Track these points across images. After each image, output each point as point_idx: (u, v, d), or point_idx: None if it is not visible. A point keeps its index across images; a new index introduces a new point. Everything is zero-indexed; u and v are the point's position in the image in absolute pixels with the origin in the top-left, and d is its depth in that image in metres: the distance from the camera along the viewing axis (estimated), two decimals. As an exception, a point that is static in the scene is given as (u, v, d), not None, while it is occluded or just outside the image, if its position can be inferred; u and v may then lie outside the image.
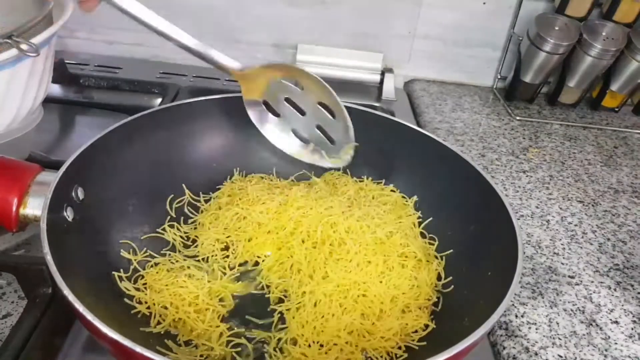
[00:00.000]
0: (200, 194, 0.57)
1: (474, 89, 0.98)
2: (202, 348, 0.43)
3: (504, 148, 0.81)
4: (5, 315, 0.45)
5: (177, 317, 0.44)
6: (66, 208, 0.44)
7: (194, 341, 0.43)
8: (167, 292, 0.45)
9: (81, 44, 0.92)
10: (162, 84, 0.84)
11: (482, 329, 0.36)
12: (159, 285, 0.46)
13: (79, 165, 0.45)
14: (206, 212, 0.55)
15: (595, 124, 0.91)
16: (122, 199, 0.51)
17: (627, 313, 0.54)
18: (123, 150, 0.51)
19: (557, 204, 0.70)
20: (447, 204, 0.55)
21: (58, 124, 0.75)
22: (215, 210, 0.55)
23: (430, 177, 0.57)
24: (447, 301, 0.49)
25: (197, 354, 0.42)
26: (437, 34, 0.93)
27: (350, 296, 0.46)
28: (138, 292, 0.46)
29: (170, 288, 0.46)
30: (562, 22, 0.85)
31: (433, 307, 0.48)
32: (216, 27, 0.90)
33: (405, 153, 0.58)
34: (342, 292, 0.46)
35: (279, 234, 0.51)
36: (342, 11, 0.90)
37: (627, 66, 0.87)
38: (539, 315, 0.52)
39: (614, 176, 0.77)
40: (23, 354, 0.40)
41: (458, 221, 0.53)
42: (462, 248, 0.52)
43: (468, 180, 0.53)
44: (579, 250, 0.62)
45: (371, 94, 0.91)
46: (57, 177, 0.43)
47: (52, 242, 0.38)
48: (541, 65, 0.87)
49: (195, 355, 0.42)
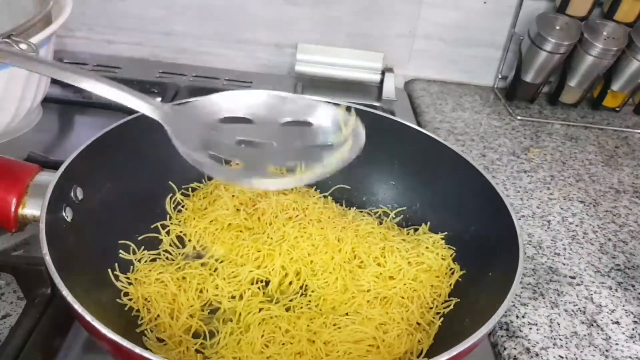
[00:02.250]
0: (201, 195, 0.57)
1: (475, 89, 0.97)
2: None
3: (504, 148, 0.80)
4: (4, 316, 0.45)
5: (156, 314, 0.44)
6: (65, 208, 0.43)
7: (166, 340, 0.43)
8: (151, 288, 0.45)
9: (80, 44, 0.91)
10: (162, 83, 0.84)
11: (482, 329, 0.36)
12: (147, 280, 0.46)
13: (78, 165, 0.45)
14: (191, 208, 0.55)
15: (596, 123, 0.91)
16: (121, 198, 0.51)
17: (628, 313, 0.54)
18: (122, 150, 0.51)
19: (558, 204, 0.69)
20: (447, 204, 0.55)
21: (57, 124, 0.75)
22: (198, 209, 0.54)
23: (430, 177, 0.57)
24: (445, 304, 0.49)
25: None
26: (438, 33, 0.93)
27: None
28: (130, 286, 0.46)
29: (154, 284, 0.46)
30: (563, 22, 0.84)
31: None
32: (216, 27, 0.90)
33: (406, 153, 0.58)
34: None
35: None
36: (342, 11, 0.89)
37: (628, 66, 0.87)
38: (539, 315, 0.52)
39: (615, 176, 0.77)
40: (22, 354, 0.40)
41: (459, 221, 0.53)
42: (463, 248, 0.52)
43: (469, 181, 0.52)
44: (580, 250, 0.62)
45: (371, 94, 0.91)
46: (56, 177, 0.43)
47: (51, 242, 0.38)
48: (542, 65, 0.87)
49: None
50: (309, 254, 0.50)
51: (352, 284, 0.48)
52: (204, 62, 0.93)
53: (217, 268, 0.49)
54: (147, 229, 0.52)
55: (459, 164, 0.54)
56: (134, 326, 0.44)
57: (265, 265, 0.49)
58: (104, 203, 0.48)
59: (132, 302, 0.45)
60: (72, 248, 0.42)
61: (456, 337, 0.36)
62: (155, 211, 0.54)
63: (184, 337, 0.43)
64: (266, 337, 0.43)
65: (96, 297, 0.40)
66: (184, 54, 0.93)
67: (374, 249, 0.51)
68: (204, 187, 0.57)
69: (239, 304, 0.46)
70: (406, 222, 0.58)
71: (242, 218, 0.52)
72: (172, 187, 0.56)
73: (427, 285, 0.48)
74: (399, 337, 0.44)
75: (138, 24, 0.90)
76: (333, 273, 0.49)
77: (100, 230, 0.47)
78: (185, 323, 0.44)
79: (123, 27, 0.90)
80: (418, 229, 0.56)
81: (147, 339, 0.43)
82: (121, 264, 0.48)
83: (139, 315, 0.45)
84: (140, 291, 0.45)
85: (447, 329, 0.45)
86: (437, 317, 0.47)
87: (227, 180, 0.52)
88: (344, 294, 0.48)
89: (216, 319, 0.45)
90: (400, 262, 0.50)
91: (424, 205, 0.57)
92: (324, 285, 0.48)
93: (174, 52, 0.93)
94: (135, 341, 0.32)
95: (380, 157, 0.59)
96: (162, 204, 0.55)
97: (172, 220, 0.54)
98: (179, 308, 0.45)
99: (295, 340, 0.43)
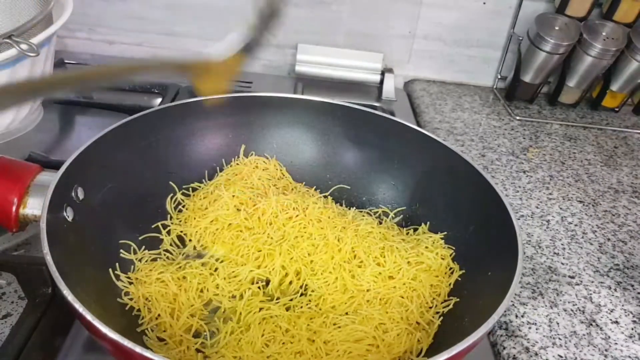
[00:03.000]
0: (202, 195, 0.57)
1: (474, 89, 0.97)
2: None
3: (504, 148, 0.81)
4: (5, 315, 0.45)
5: (156, 314, 0.44)
6: (66, 208, 0.43)
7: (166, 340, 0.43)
8: (152, 287, 0.45)
9: (81, 44, 0.92)
10: (162, 83, 0.84)
11: (482, 329, 0.36)
12: (148, 280, 0.46)
13: (79, 165, 0.45)
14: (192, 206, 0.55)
15: (596, 124, 0.91)
16: (122, 198, 0.51)
17: (627, 313, 0.54)
18: (122, 150, 0.51)
19: (557, 204, 0.70)
20: (446, 204, 0.55)
21: (58, 124, 0.75)
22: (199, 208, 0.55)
23: (429, 177, 0.57)
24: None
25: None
26: (437, 34, 0.93)
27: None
28: (131, 286, 0.46)
29: (155, 283, 0.46)
30: (562, 22, 0.85)
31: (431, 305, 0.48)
32: (216, 27, 0.90)
33: (405, 153, 0.58)
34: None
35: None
36: (342, 11, 0.90)
37: (627, 66, 0.87)
38: (539, 315, 0.52)
39: (614, 176, 0.77)
40: (23, 354, 0.40)
41: (457, 221, 0.53)
42: (462, 248, 0.52)
43: (467, 180, 0.52)
44: (579, 250, 0.62)
45: (371, 94, 0.91)
46: (57, 177, 0.43)
47: (52, 242, 0.38)
48: (541, 65, 0.87)
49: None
50: (308, 253, 0.50)
51: (351, 284, 0.48)
52: (204, 63, 0.93)
53: (217, 268, 0.49)
54: (148, 229, 0.52)
55: (458, 163, 0.54)
56: (135, 326, 0.44)
57: (266, 265, 0.50)
58: (104, 203, 0.49)
59: (132, 302, 0.45)
60: (73, 248, 0.42)
61: (456, 336, 0.36)
62: (156, 211, 0.54)
63: (185, 336, 0.43)
64: (266, 337, 0.43)
65: (97, 297, 0.40)
66: (184, 54, 0.93)
67: (373, 249, 0.51)
68: (205, 187, 0.57)
69: (239, 303, 0.46)
70: (406, 222, 0.58)
71: (243, 218, 0.52)
72: (173, 187, 0.56)
73: (426, 285, 0.49)
74: (398, 336, 0.44)
75: (139, 24, 0.90)
76: (333, 273, 0.49)
77: (101, 230, 0.47)
78: (185, 322, 0.44)
79: (124, 28, 0.91)
80: (417, 228, 0.56)
81: (148, 338, 0.43)
82: (122, 263, 0.48)
83: (139, 315, 0.45)
84: (141, 291, 0.45)
85: (446, 328, 0.45)
86: (437, 316, 0.47)
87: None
88: (344, 294, 0.48)
89: (217, 318, 0.46)
90: (400, 261, 0.50)
91: (424, 205, 0.57)
92: (324, 285, 0.48)
93: (175, 53, 0.93)
94: (135, 341, 0.32)
95: (380, 157, 0.59)
96: (162, 204, 0.55)
97: (172, 220, 0.54)
98: (179, 308, 0.45)
99: (295, 340, 0.43)
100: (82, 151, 0.46)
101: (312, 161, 0.62)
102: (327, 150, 0.62)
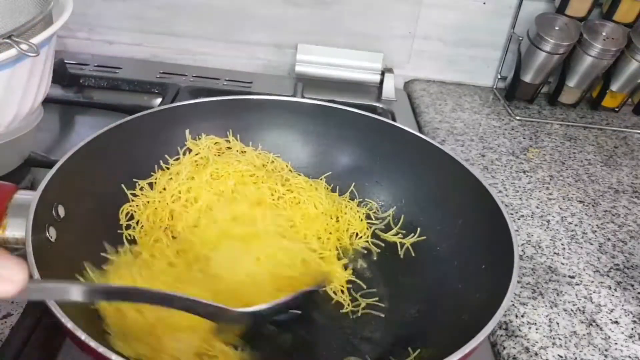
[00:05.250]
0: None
1: (474, 89, 0.98)
2: None
3: (504, 148, 0.81)
4: (5, 316, 0.45)
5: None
6: (48, 228, 0.41)
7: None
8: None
9: (81, 44, 0.92)
10: (162, 83, 0.84)
11: (482, 333, 0.36)
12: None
13: (57, 182, 0.43)
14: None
15: (596, 124, 0.91)
16: (104, 209, 0.49)
17: (627, 313, 0.54)
18: (99, 163, 0.50)
19: (557, 204, 0.70)
20: (435, 200, 0.56)
21: (58, 124, 0.75)
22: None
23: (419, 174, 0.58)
24: (441, 296, 0.49)
25: None
26: (437, 34, 0.93)
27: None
28: None
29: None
30: (562, 22, 0.85)
31: (431, 304, 0.49)
32: (216, 27, 0.90)
33: (387, 150, 0.59)
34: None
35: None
36: (342, 11, 0.90)
37: (627, 66, 0.87)
38: (539, 315, 0.52)
39: (614, 176, 0.77)
40: (23, 353, 0.40)
41: (446, 216, 0.54)
42: (453, 242, 0.52)
43: (453, 174, 0.54)
44: (579, 250, 0.62)
45: (371, 94, 0.91)
46: (37, 197, 0.40)
47: (40, 265, 0.36)
48: (541, 65, 0.87)
49: None
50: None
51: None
52: (205, 63, 0.93)
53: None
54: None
55: (441, 158, 0.55)
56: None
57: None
58: (86, 217, 0.46)
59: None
60: (58, 267, 0.40)
61: (455, 332, 0.36)
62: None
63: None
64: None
65: (87, 313, 0.39)
66: (185, 55, 0.93)
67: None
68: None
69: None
70: (393, 219, 0.58)
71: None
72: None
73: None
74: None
75: (138, 24, 0.90)
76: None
77: (83, 246, 0.45)
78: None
79: (124, 28, 0.91)
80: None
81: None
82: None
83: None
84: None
85: (446, 325, 0.45)
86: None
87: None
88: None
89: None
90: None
91: (409, 202, 0.58)
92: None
93: (175, 53, 0.93)
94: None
95: (363, 155, 0.60)
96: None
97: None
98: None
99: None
100: (59, 168, 0.44)
101: (304, 163, 0.62)
102: (317, 150, 0.62)
